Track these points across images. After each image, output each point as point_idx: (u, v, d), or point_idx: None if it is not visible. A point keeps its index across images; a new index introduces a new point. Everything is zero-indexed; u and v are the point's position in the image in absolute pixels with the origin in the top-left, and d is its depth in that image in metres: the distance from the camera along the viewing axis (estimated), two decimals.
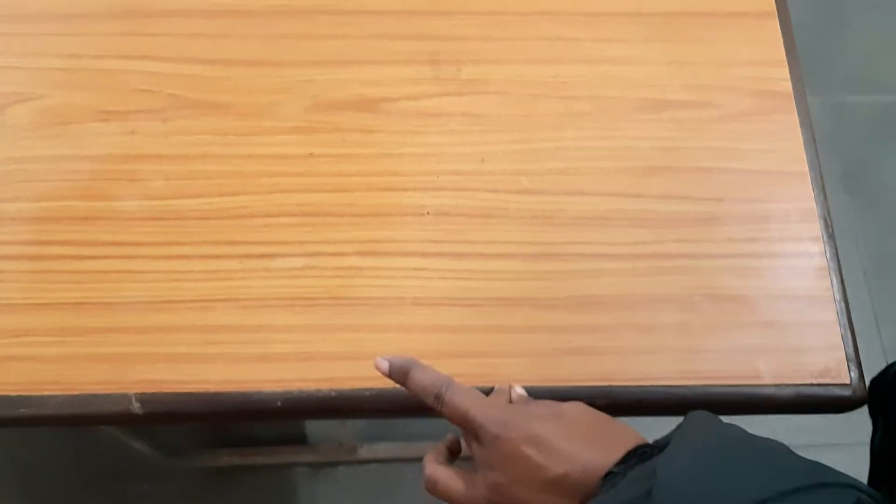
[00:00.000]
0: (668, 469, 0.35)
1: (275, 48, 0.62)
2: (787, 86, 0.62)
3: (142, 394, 0.52)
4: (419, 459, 1.27)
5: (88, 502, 1.21)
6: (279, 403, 0.52)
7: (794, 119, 0.61)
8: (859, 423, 0.54)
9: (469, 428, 0.43)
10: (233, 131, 0.59)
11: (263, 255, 0.56)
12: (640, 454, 0.39)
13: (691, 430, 0.39)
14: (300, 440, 1.26)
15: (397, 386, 0.52)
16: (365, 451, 1.24)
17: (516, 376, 0.53)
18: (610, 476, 0.38)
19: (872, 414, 0.60)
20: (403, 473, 1.24)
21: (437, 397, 0.44)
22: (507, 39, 0.63)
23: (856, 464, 0.46)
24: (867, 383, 0.54)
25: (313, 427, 1.26)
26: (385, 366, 0.47)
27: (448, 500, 0.44)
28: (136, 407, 0.51)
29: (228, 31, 0.63)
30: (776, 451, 0.36)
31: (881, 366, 0.53)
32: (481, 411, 0.43)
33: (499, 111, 0.61)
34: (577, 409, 0.43)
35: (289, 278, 0.55)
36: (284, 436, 1.26)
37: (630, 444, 0.40)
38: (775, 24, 0.65)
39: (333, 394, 0.52)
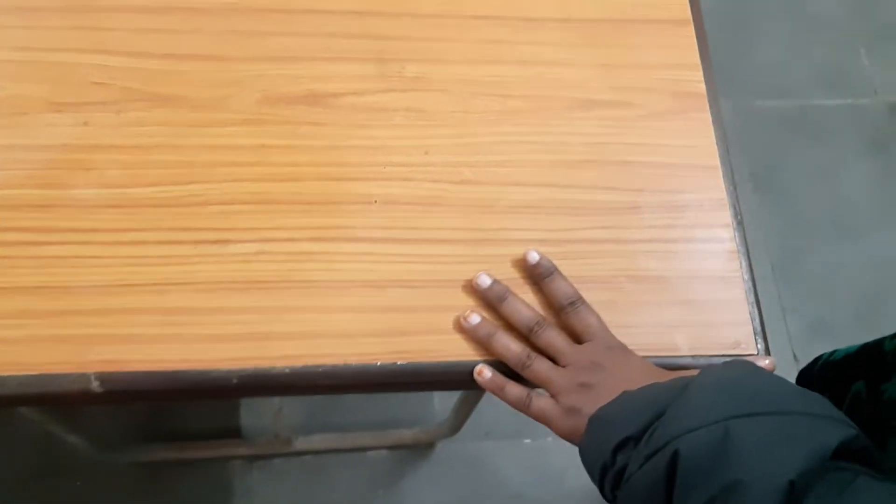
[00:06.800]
0: (706, 373, 0.47)
1: (226, 44, 0.65)
2: (702, 87, 0.68)
3: (101, 373, 0.54)
4: (354, 450, 1.30)
5: (20, 500, 1.19)
6: (235, 381, 0.55)
7: (707, 118, 0.67)
8: None
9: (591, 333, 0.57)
10: (185, 123, 0.62)
11: (217, 241, 0.58)
12: None
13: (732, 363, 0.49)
14: (235, 434, 1.27)
15: (349, 362, 0.56)
16: (300, 443, 1.25)
17: (459, 352, 0.57)
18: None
19: None
20: (338, 464, 1.27)
21: (573, 304, 0.58)
22: (448, 40, 0.68)
23: None
24: (768, 350, 0.60)
25: (248, 420, 1.27)
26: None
27: (540, 377, 0.55)
28: (95, 386, 0.53)
29: (179, 26, 0.65)
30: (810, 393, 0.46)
31: (787, 352, 0.59)
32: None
33: (440, 107, 0.65)
34: None
35: (242, 263, 0.58)
36: (219, 430, 1.27)
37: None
38: (691, 31, 0.71)
39: (287, 370, 0.55)
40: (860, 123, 1.65)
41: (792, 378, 0.69)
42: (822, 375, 0.66)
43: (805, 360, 0.69)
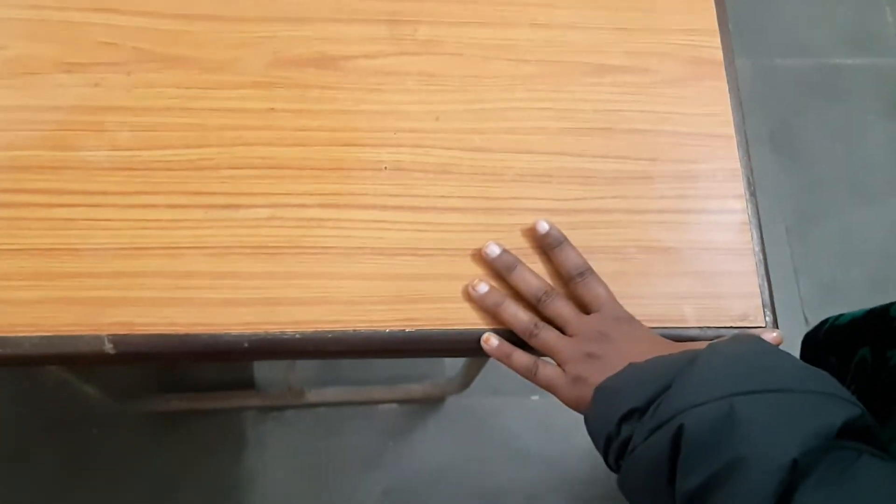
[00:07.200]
0: (712, 348, 0.47)
1: (236, 4, 0.64)
2: (718, 54, 0.67)
3: (114, 335, 0.54)
4: (365, 403, 1.32)
5: (35, 450, 1.22)
6: (246, 345, 0.56)
7: (724, 86, 0.66)
8: None
9: (599, 303, 0.57)
10: (196, 85, 0.61)
11: (228, 206, 0.58)
12: None
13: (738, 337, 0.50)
14: (249, 385, 1.29)
15: (358, 328, 0.56)
16: (312, 396, 1.28)
17: (467, 320, 0.58)
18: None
19: None
20: (350, 416, 1.29)
21: (582, 274, 0.58)
22: (461, 2, 0.66)
23: None
24: (776, 323, 0.60)
25: (261, 372, 1.29)
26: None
27: (547, 346, 0.56)
28: (108, 348, 0.54)
29: None
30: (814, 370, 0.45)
31: (798, 315, 0.59)
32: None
33: (453, 71, 0.64)
34: None
35: (253, 228, 0.58)
36: (233, 381, 1.29)
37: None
38: None
39: (297, 336, 0.56)
40: (882, 84, 1.62)
41: (799, 340, 0.69)
42: (828, 339, 0.66)
43: (816, 324, 0.69)
